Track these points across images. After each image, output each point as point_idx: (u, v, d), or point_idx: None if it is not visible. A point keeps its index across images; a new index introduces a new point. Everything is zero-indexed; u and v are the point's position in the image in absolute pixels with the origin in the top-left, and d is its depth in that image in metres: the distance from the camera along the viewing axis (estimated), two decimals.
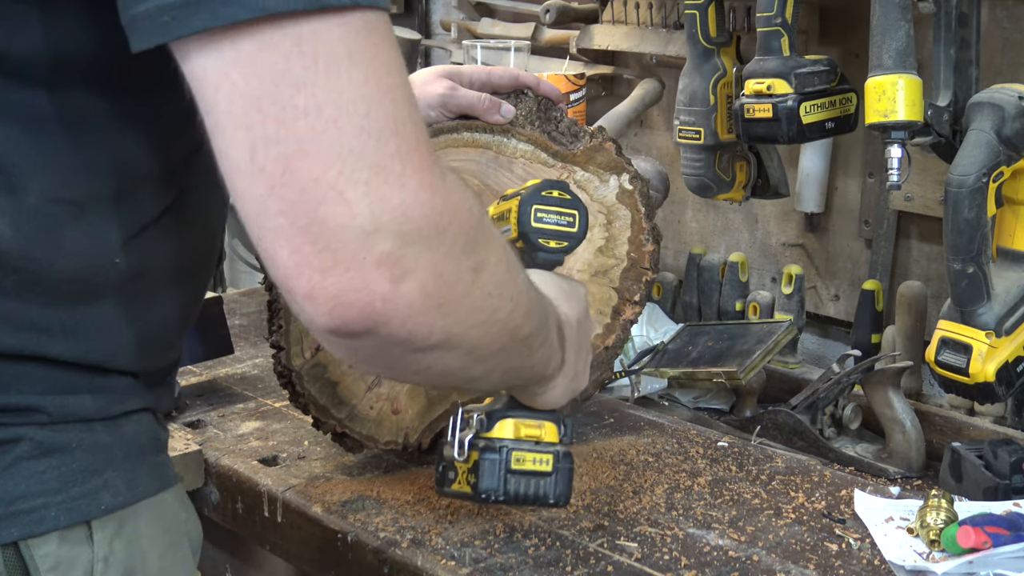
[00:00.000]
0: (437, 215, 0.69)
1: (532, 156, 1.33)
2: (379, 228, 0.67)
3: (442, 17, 2.53)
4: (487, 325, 0.77)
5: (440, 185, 0.70)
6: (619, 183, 1.36)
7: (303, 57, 0.65)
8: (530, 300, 0.84)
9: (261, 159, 0.66)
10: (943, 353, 1.31)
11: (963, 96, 1.37)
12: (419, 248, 0.68)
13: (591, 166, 1.36)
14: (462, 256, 0.72)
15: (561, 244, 1.02)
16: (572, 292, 1.00)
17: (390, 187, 0.67)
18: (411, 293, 0.69)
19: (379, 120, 0.67)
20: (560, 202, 1.02)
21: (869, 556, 1.18)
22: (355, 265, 0.67)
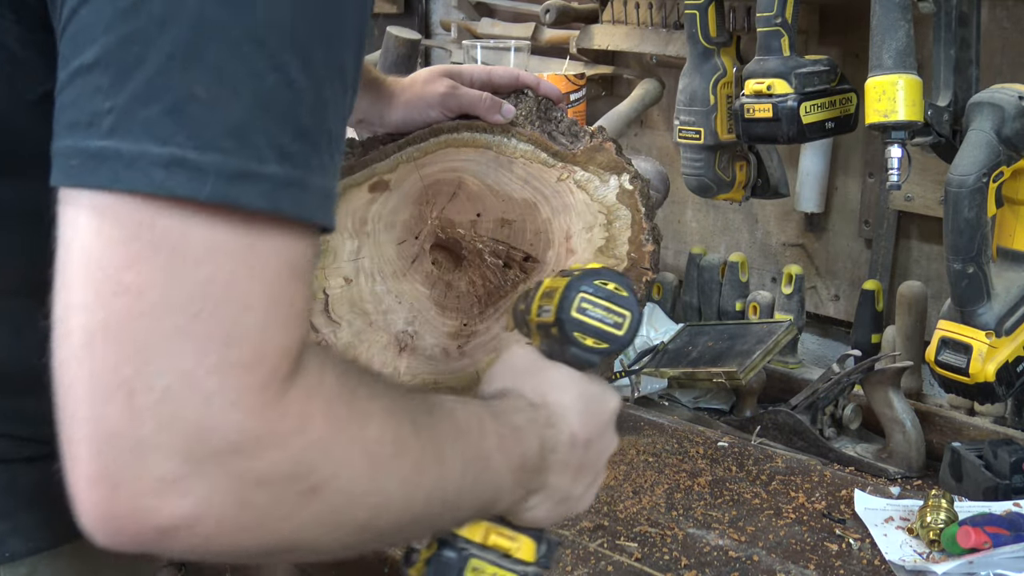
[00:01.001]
0: (247, 440, 0.59)
1: (532, 156, 1.33)
2: (161, 447, 0.57)
3: (442, 17, 2.53)
4: (331, 535, 0.66)
5: (268, 408, 0.60)
6: (619, 183, 1.36)
7: (157, 236, 0.57)
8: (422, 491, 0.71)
9: (70, 324, 0.58)
10: (943, 353, 1.31)
11: (963, 96, 1.37)
12: (213, 475, 0.58)
13: (591, 166, 1.36)
14: (286, 482, 0.61)
15: (600, 344, 0.87)
16: (594, 404, 0.88)
17: (192, 402, 0.57)
18: (199, 525, 0.59)
19: (209, 326, 0.58)
20: (613, 297, 0.88)
21: (869, 556, 1.18)
22: (125, 483, 0.57)
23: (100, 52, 0.59)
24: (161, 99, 0.58)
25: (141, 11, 0.58)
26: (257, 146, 0.59)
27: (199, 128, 0.58)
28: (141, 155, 0.57)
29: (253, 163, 0.59)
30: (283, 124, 0.60)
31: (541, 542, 0.89)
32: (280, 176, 0.59)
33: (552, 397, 0.86)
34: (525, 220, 1.34)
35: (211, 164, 0.58)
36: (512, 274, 1.35)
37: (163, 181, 0.57)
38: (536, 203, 1.34)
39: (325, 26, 0.62)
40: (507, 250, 1.35)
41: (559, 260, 1.38)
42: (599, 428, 0.88)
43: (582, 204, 1.36)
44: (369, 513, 0.68)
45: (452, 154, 1.30)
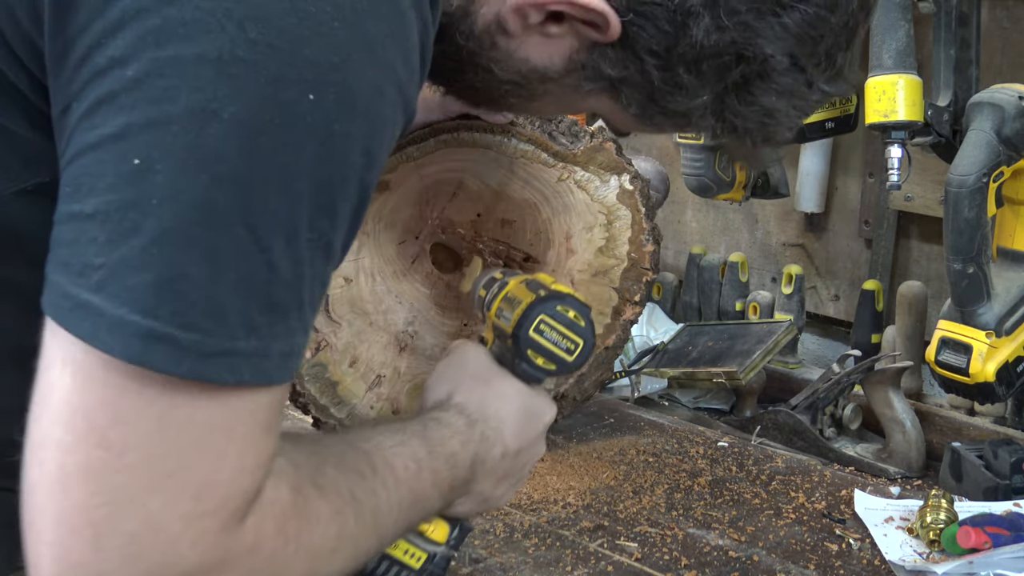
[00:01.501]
0: (205, 570, 0.64)
1: (532, 156, 1.33)
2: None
3: None
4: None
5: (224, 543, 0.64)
6: (619, 183, 1.36)
7: (140, 397, 0.61)
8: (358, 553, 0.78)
9: (45, 454, 0.61)
10: (943, 353, 1.31)
11: (963, 96, 1.37)
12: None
13: (591, 166, 1.36)
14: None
15: (549, 366, 0.94)
16: (530, 417, 0.94)
17: (156, 545, 0.62)
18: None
19: (181, 483, 0.62)
20: (570, 324, 0.93)
21: (869, 556, 1.18)
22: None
23: (99, 206, 0.61)
24: (150, 271, 0.60)
25: (145, 180, 0.60)
26: (232, 325, 0.62)
27: (183, 307, 0.61)
28: (122, 323, 0.60)
29: (227, 341, 0.62)
30: (257, 301, 0.63)
31: (455, 527, 0.95)
32: (246, 350, 0.63)
33: (492, 410, 0.92)
34: (525, 220, 1.34)
35: (191, 343, 0.61)
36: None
37: (141, 353, 0.60)
38: (536, 203, 1.34)
39: (322, 212, 0.65)
40: (507, 250, 1.34)
41: (559, 260, 1.38)
42: (531, 440, 0.94)
43: (582, 204, 1.36)
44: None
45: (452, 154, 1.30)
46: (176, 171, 0.60)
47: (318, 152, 0.64)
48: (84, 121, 0.62)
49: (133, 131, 0.60)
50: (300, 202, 0.63)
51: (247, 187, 0.61)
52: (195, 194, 0.60)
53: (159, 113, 0.60)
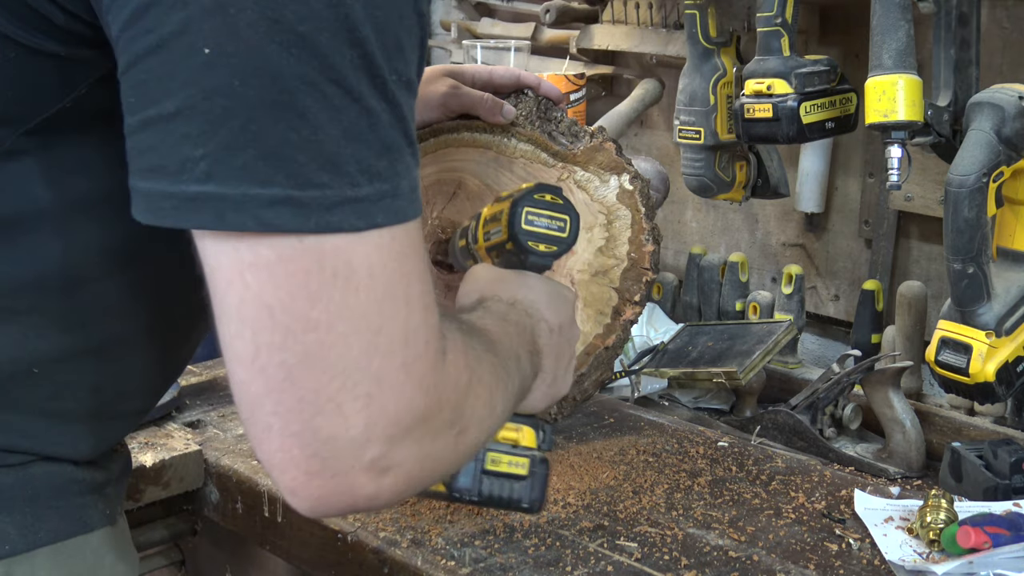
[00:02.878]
0: (429, 411, 0.70)
1: (532, 156, 1.33)
2: (371, 439, 0.67)
3: (442, 17, 2.53)
4: (461, 460, 0.79)
5: (438, 380, 0.70)
6: (619, 183, 1.36)
7: (322, 273, 0.64)
8: (506, 390, 0.84)
9: (264, 361, 0.65)
10: (943, 353, 1.31)
11: (963, 96, 1.37)
12: (406, 445, 0.69)
13: (591, 166, 1.36)
14: (447, 430, 0.73)
15: (551, 248, 1.00)
16: (558, 297, 1.00)
17: (389, 398, 0.67)
18: (396, 485, 0.70)
19: (389, 335, 0.67)
20: (552, 206, 1.00)
21: (869, 556, 1.18)
22: (342, 472, 0.67)
23: (182, 103, 0.62)
24: (254, 146, 0.63)
25: (220, 66, 0.62)
26: (351, 173, 0.65)
27: (296, 168, 0.63)
28: (246, 198, 0.63)
29: (349, 190, 0.65)
30: (367, 148, 0.65)
31: (538, 429, 1.01)
32: (372, 194, 0.66)
33: (522, 295, 0.97)
34: None
35: (311, 199, 0.64)
36: None
37: (271, 219, 0.63)
38: None
39: (392, 52, 0.66)
40: None
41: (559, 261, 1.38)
42: (567, 317, 1.00)
43: (582, 204, 1.36)
44: (487, 434, 0.81)
45: (452, 154, 1.30)
46: (247, 49, 0.62)
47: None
48: (130, 29, 0.63)
49: (194, 23, 0.61)
50: (370, 45, 0.65)
51: (317, 46, 0.63)
52: (273, 65, 0.62)
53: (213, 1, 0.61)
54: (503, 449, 0.99)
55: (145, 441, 1.41)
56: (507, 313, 0.94)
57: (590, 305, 1.40)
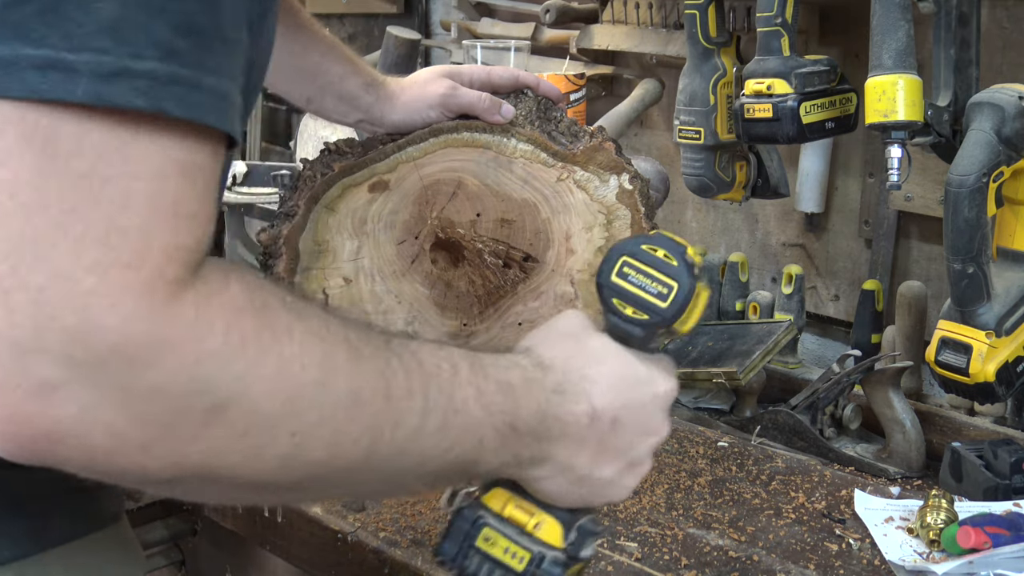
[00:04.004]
0: (131, 346, 0.56)
1: (532, 156, 1.33)
2: (42, 349, 0.55)
3: (442, 17, 2.53)
4: (253, 462, 0.62)
5: (155, 309, 0.57)
6: (619, 183, 1.36)
7: (22, 137, 0.55)
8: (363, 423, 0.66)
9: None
10: (943, 353, 1.31)
11: (963, 96, 1.37)
12: (100, 382, 0.56)
13: (591, 166, 1.36)
14: (184, 396, 0.58)
15: (639, 315, 0.80)
16: (630, 380, 0.81)
17: (70, 303, 0.55)
18: (86, 433, 0.57)
19: (84, 222, 0.55)
20: (660, 264, 0.80)
21: (869, 556, 1.18)
22: (6, 387, 0.55)
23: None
24: (33, 1, 0.55)
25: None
26: (137, 43, 0.56)
27: (72, 28, 0.55)
28: (16, 58, 0.55)
29: (131, 61, 0.56)
30: (164, 20, 0.57)
31: (570, 527, 0.82)
32: (162, 73, 0.57)
33: (576, 364, 0.79)
34: (525, 220, 1.34)
35: (84, 64, 0.55)
36: (512, 274, 1.35)
37: (37, 84, 0.55)
38: (536, 203, 1.34)
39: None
40: (507, 250, 1.34)
41: (559, 260, 1.38)
42: (633, 410, 0.80)
43: (582, 204, 1.36)
44: (291, 443, 0.63)
45: (452, 154, 1.30)
46: None
47: None
48: None
49: None
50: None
51: None
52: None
53: None
54: (505, 531, 0.82)
55: None
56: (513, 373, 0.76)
57: (590, 305, 1.40)
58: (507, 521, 0.82)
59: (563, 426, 0.78)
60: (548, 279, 1.38)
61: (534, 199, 1.33)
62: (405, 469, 0.71)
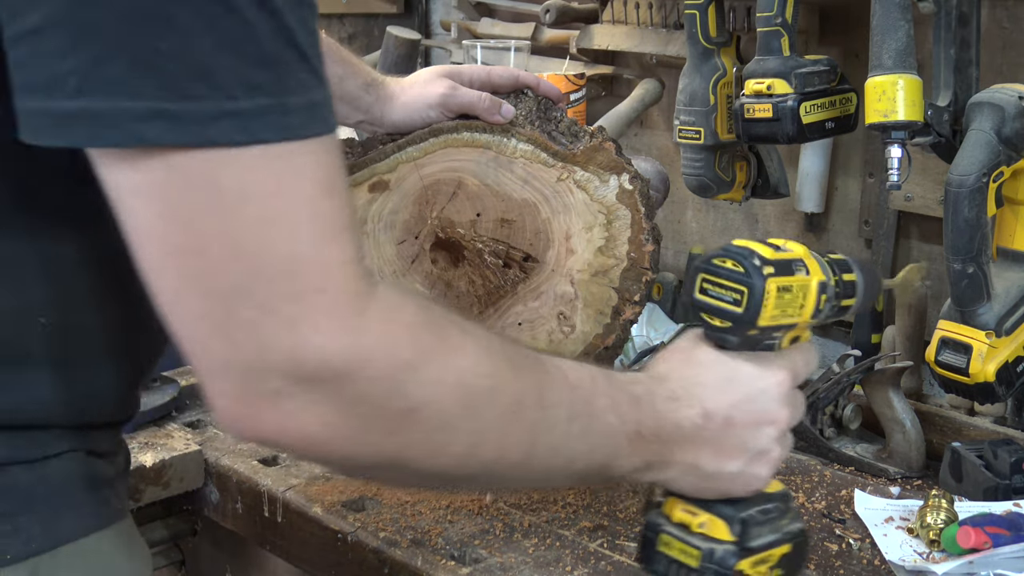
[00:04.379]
0: (338, 360, 0.66)
1: (532, 156, 1.33)
2: (268, 368, 0.65)
3: (442, 17, 2.53)
4: (435, 458, 0.73)
5: (348, 328, 0.67)
6: (619, 183, 1.36)
7: (191, 191, 0.62)
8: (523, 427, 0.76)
9: (155, 282, 0.66)
10: (943, 353, 1.31)
11: (963, 96, 1.37)
12: (316, 390, 0.67)
13: (591, 166, 1.36)
14: (384, 398, 0.69)
15: (725, 324, 0.89)
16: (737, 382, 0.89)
17: (278, 329, 0.65)
18: (309, 430, 0.68)
19: (271, 260, 0.64)
20: (730, 274, 0.88)
21: (869, 556, 1.18)
22: (243, 397, 0.67)
23: (49, 15, 0.61)
24: (122, 56, 0.60)
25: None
26: (227, 85, 0.62)
27: (167, 79, 0.61)
28: (117, 112, 0.61)
29: (226, 103, 0.62)
30: (245, 58, 0.62)
31: (733, 521, 0.90)
32: (253, 109, 0.63)
33: (682, 373, 0.88)
34: (525, 220, 1.34)
35: (186, 112, 0.61)
36: (512, 273, 1.35)
37: (145, 132, 0.61)
38: (536, 203, 1.33)
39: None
40: (507, 250, 1.34)
41: (559, 260, 1.38)
42: (743, 407, 0.88)
43: (582, 204, 1.36)
44: (467, 443, 0.73)
45: (452, 154, 1.30)
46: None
47: None
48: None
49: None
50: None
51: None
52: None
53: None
54: (677, 533, 0.91)
55: (145, 441, 1.41)
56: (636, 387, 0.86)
57: (590, 305, 1.40)
58: (678, 524, 0.92)
59: (680, 430, 0.86)
60: (548, 279, 1.38)
61: (534, 199, 1.33)
62: (556, 468, 0.81)
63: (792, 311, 0.91)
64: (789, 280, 0.91)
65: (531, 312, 1.39)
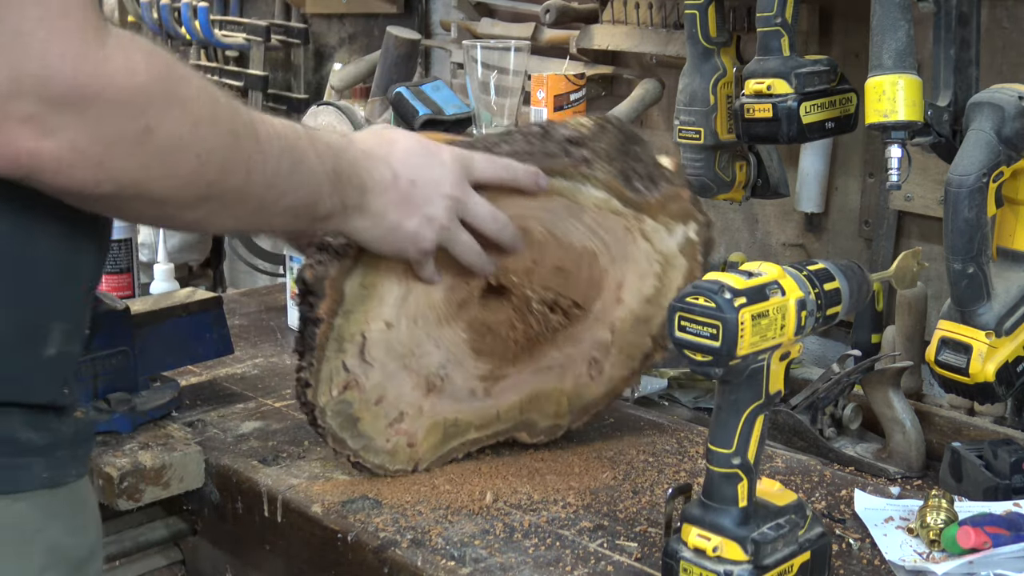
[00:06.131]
0: (84, 82, 0.74)
1: (604, 204, 1.28)
2: (20, 92, 0.73)
3: (442, 17, 2.53)
4: (168, 179, 0.83)
5: (92, 53, 0.75)
6: (685, 233, 1.33)
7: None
8: (241, 155, 0.89)
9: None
10: (943, 353, 1.31)
11: (963, 96, 1.37)
12: (65, 111, 0.74)
13: (662, 216, 1.30)
14: (124, 119, 0.77)
15: (707, 358, 0.93)
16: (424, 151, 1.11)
17: (28, 54, 0.73)
18: (58, 151, 0.75)
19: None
20: (703, 311, 0.92)
21: (869, 556, 1.18)
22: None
23: None
24: None
25: None
26: None
27: None
28: None
29: None
30: None
31: (745, 542, 0.96)
32: None
33: (379, 139, 1.09)
34: (581, 269, 1.30)
35: None
36: (555, 320, 1.32)
37: None
38: (596, 252, 1.30)
39: None
40: (556, 297, 1.31)
41: (605, 309, 1.35)
42: (425, 174, 1.10)
43: (643, 254, 1.32)
44: (195, 163, 0.84)
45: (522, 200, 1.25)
46: None
47: None
48: None
49: None
50: None
51: None
52: None
53: None
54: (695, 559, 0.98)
55: (145, 441, 1.41)
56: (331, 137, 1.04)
57: (623, 351, 1.38)
58: (695, 550, 0.98)
59: (373, 181, 1.07)
60: (589, 327, 1.35)
61: (596, 248, 1.30)
62: (269, 201, 0.95)
63: (772, 334, 0.96)
64: (764, 306, 0.95)
65: (564, 357, 1.37)
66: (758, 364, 0.97)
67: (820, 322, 1.02)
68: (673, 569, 1.00)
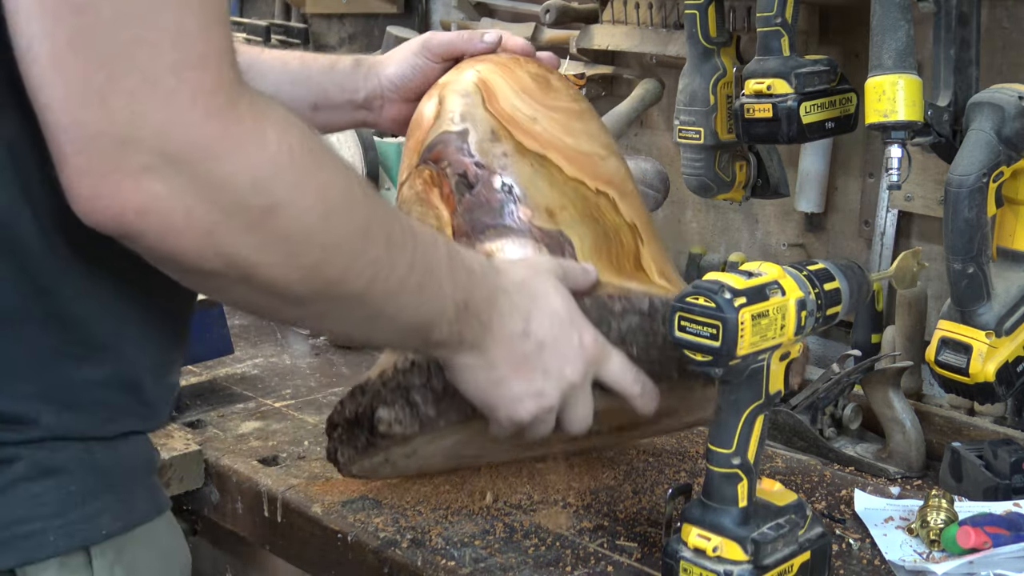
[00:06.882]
0: (208, 143, 0.67)
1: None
2: (137, 140, 0.66)
3: (442, 17, 2.53)
4: (284, 268, 0.74)
5: (223, 112, 0.68)
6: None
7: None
8: (368, 257, 0.79)
9: (36, 47, 0.66)
10: (943, 353, 1.31)
11: (963, 96, 1.37)
12: (183, 171, 0.67)
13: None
14: (247, 191, 0.70)
15: (707, 358, 0.92)
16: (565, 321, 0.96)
17: (156, 102, 0.66)
18: (169, 212, 0.68)
19: (158, 30, 0.66)
20: (703, 311, 0.92)
21: (869, 556, 1.18)
22: (108, 173, 0.66)
23: None
24: None
25: None
26: None
27: None
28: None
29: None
30: None
31: (745, 542, 0.96)
32: None
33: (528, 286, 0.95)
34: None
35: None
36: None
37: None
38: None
39: None
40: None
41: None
42: (558, 344, 0.95)
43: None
44: (317, 257, 0.75)
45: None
46: None
47: None
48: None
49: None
50: None
51: None
52: None
53: None
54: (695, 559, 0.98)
55: None
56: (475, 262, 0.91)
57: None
58: (695, 550, 0.98)
59: (501, 326, 0.92)
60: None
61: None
62: (387, 314, 0.84)
63: (772, 334, 0.96)
64: (763, 306, 0.95)
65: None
66: (758, 364, 0.97)
67: (820, 322, 1.02)
68: (673, 569, 1.00)
